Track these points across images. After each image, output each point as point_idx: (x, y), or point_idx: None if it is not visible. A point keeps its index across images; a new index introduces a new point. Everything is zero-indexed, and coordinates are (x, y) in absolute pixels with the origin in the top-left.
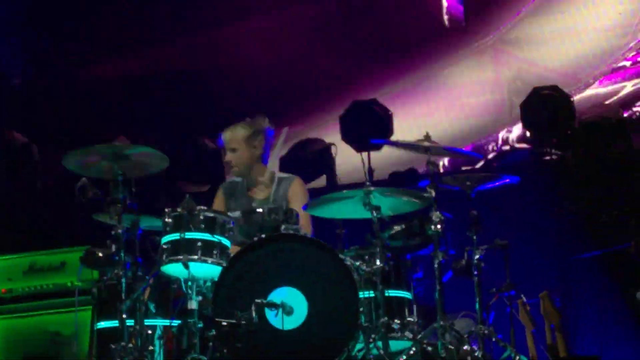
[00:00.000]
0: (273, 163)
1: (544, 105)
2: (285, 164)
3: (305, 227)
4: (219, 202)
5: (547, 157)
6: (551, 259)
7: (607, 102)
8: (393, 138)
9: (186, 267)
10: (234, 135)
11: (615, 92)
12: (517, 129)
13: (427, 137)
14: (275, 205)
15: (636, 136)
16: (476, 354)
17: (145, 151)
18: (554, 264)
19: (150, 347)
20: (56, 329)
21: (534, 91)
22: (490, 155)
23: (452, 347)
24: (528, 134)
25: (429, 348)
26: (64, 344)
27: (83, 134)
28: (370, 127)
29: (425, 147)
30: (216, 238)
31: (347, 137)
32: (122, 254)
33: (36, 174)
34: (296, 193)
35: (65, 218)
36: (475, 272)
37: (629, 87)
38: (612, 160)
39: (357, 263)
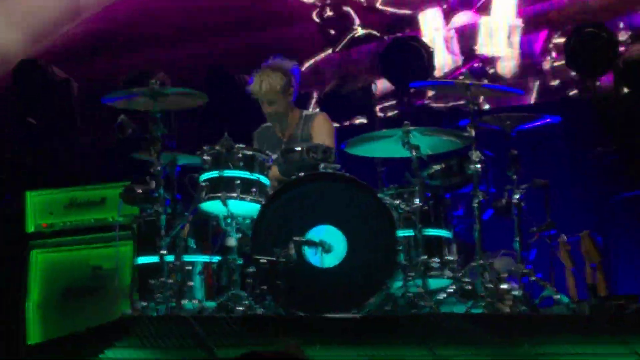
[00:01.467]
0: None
1: (587, 44)
2: (325, 101)
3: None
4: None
5: (590, 96)
6: (592, 198)
7: None
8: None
9: (225, 204)
10: (271, 87)
11: None
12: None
13: (467, 75)
14: (310, 143)
15: None
16: (515, 292)
17: (183, 90)
18: (595, 204)
19: (190, 283)
20: (97, 263)
21: (577, 28)
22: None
23: (491, 286)
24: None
25: (468, 286)
26: (105, 277)
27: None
28: (411, 64)
29: (465, 84)
30: (255, 176)
31: (387, 74)
32: (162, 191)
33: (75, 110)
34: (319, 126)
35: (105, 154)
36: (516, 211)
37: None
38: None
39: (396, 202)
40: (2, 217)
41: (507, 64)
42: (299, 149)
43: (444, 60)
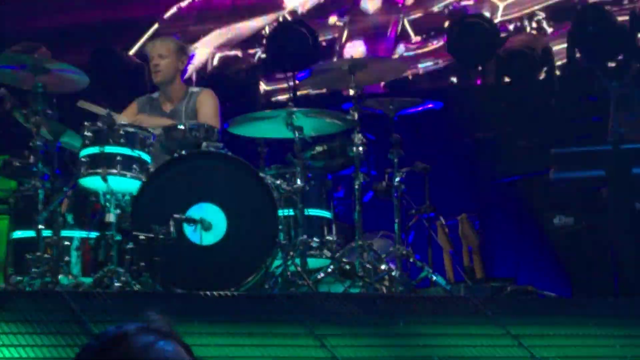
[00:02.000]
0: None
1: (470, 32)
2: (210, 83)
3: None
4: (130, 112)
5: (471, 84)
6: (471, 183)
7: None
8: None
9: (105, 180)
10: (166, 44)
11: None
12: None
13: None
14: (193, 122)
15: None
16: (393, 273)
17: (67, 67)
18: (474, 188)
19: (67, 258)
20: None
21: (460, 18)
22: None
23: (370, 266)
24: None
25: (347, 266)
26: None
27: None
28: (296, 48)
29: (348, 64)
30: (136, 152)
31: (271, 59)
32: (40, 165)
33: None
34: (205, 101)
35: None
36: (396, 194)
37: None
38: (535, 88)
39: (278, 182)
40: None
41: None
42: (182, 127)
43: None
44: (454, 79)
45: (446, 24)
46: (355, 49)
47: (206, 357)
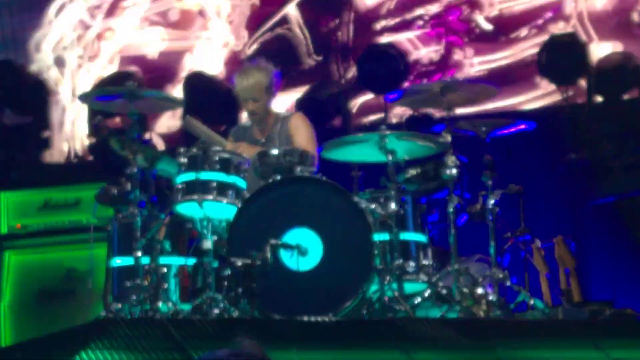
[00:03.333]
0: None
1: (561, 52)
2: (301, 106)
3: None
4: (229, 146)
5: (563, 104)
6: (566, 205)
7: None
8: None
9: (201, 206)
10: (257, 85)
11: None
12: None
13: (443, 81)
14: (287, 147)
15: None
16: (490, 297)
17: (160, 93)
18: (569, 210)
19: (165, 286)
20: (71, 265)
21: (551, 38)
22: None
23: (467, 290)
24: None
25: (444, 291)
26: (79, 280)
27: None
28: (387, 71)
29: (440, 86)
30: (231, 178)
31: (363, 81)
32: (137, 192)
33: (50, 111)
34: (297, 126)
35: (83, 155)
36: (490, 217)
37: None
38: (628, 107)
39: (372, 206)
40: None
41: None
42: (276, 152)
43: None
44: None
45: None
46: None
47: None
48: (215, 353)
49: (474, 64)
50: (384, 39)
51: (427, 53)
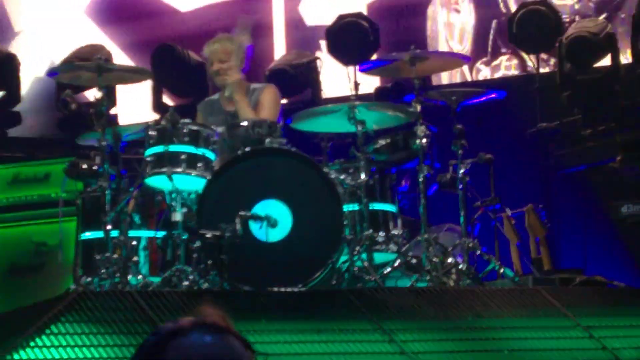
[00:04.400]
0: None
1: (532, 20)
2: (269, 78)
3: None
4: (198, 121)
5: (534, 72)
6: (536, 173)
7: (596, 17)
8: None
9: (170, 179)
10: (224, 47)
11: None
12: None
13: (413, 49)
14: (255, 118)
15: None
16: (460, 266)
17: (128, 66)
18: (539, 179)
19: (135, 258)
20: (41, 239)
21: (522, 5)
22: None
23: (437, 260)
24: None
25: (414, 260)
26: (49, 254)
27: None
28: (357, 41)
29: (409, 56)
30: (200, 150)
31: (333, 51)
32: (106, 166)
33: (19, 85)
34: (266, 97)
35: (49, 129)
36: (460, 186)
37: None
38: (599, 76)
39: (342, 176)
40: None
41: None
42: (245, 123)
43: None
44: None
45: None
46: None
47: (274, 354)
48: (178, 322)
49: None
50: None
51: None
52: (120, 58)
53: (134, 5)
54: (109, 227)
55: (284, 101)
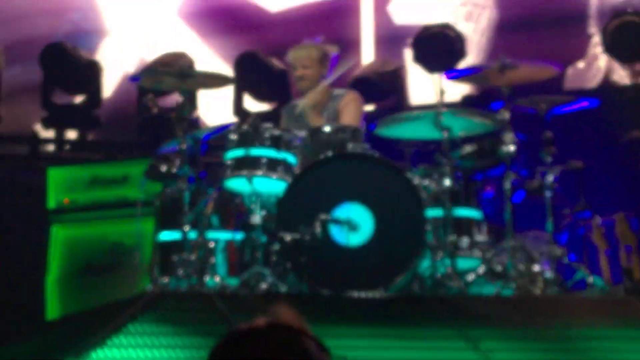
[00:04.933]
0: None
1: (626, 30)
2: (353, 85)
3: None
4: (282, 124)
5: (626, 82)
6: (627, 181)
7: None
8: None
9: (250, 182)
10: (308, 54)
11: None
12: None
13: (502, 57)
14: (339, 124)
15: None
16: (547, 274)
17: (211, 72)
18: (630, 187)
19: (212, 260)
20: (118, 240)
21: (615, 15)
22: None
23: (522, 267)
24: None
25: (498, 267)
26: (126, 254)
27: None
28: (442, 50)
29: (498, 65)
30: (281, 155)
31: (419, 60)
32: (186, 168)
33: (100, 90)
34: (347, 103)
35: (130, 132)
36: (548, 193)
37: None
38: None
39: (425, 182)
40: (24, 192)
41: None
42: (328, 128)
43: None
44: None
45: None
46: None
47: (353, 359)
48: (253, 323)
49: None
50: None
51: None
52: (207, 59)
53: (227, 9)
54: (186, 228)
55: (368, 107)
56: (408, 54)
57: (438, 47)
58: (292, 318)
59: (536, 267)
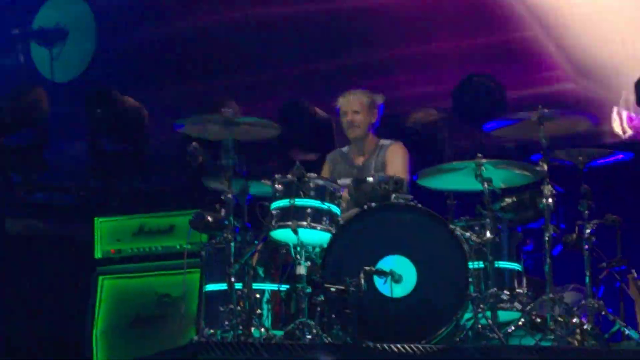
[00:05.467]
0: None
1: None
2: (400, 135)
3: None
4: (325, 171)
5: None
6: None
7: None
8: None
9: (295, 232)
10: (359, 99)
11: None
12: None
13: (540, 109)
14: (382, 175)
15: None
16: (585, 326)
17: (256, 120)
18: None
19: (258, 311)
20: (165, 291)
21: None
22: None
23: (561, 319)
24: None
25: (538, 320)
26: (172, 305)
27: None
28: (483, 102)
29: (537, 116)
30: (326, 205)
31: (458, 112)
32: (231, 218)
33: (147, 138)
34: (394, 153)
35: (175, 182)
36: (586, 246)
37: None
38: None
39: (467, 234)
40: (72, 243)
41: None
42: (371, 179)
43: None
44: None
45: None
46: None
47: None
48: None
49: None
50: None
51: None
52: None
53: None
54: (232, 279)
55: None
56: None
57: (479, 98)
58: None
59: (575, 319)
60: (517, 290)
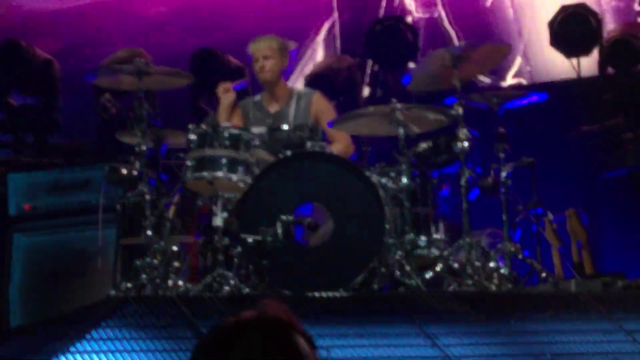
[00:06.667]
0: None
1: (572, 23)
2: (309, 82)
3: (346, 145)
4: (237, 119)
5: (575, 76)
6: (578, 177)
7: (638, 20)
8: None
9: (211, 184)
10: (269, 44)
11: None
12: None
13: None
14: (298, 121)
15: None
16: (502, 270)
17: (168, 69)
18: (581, 183)
19: (175, 264)
20: (81, 246)
21: (562, 8)
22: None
23: (479, 264)
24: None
25: (455, 265)
26: (89, 260)
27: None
28: (396, 46)
29: (450, 54)
30: (241, 155)
31: (372, 56)
32: (146, 171)
33: (58, 91)
34: (323, 109)
35: (89, 135)
36: (502, 190)
37: None
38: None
39: (383, 180)
40: None
41: None
42: (286, 127)
43: None
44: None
45: None
46: None
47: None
48: (241, 318)
49: None
50: None
51: None
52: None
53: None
54: (149, 232)
55: None
56: None
57: (391, 41)
58: (281, 312)
59: (492, 264)
60: (434, 235)
